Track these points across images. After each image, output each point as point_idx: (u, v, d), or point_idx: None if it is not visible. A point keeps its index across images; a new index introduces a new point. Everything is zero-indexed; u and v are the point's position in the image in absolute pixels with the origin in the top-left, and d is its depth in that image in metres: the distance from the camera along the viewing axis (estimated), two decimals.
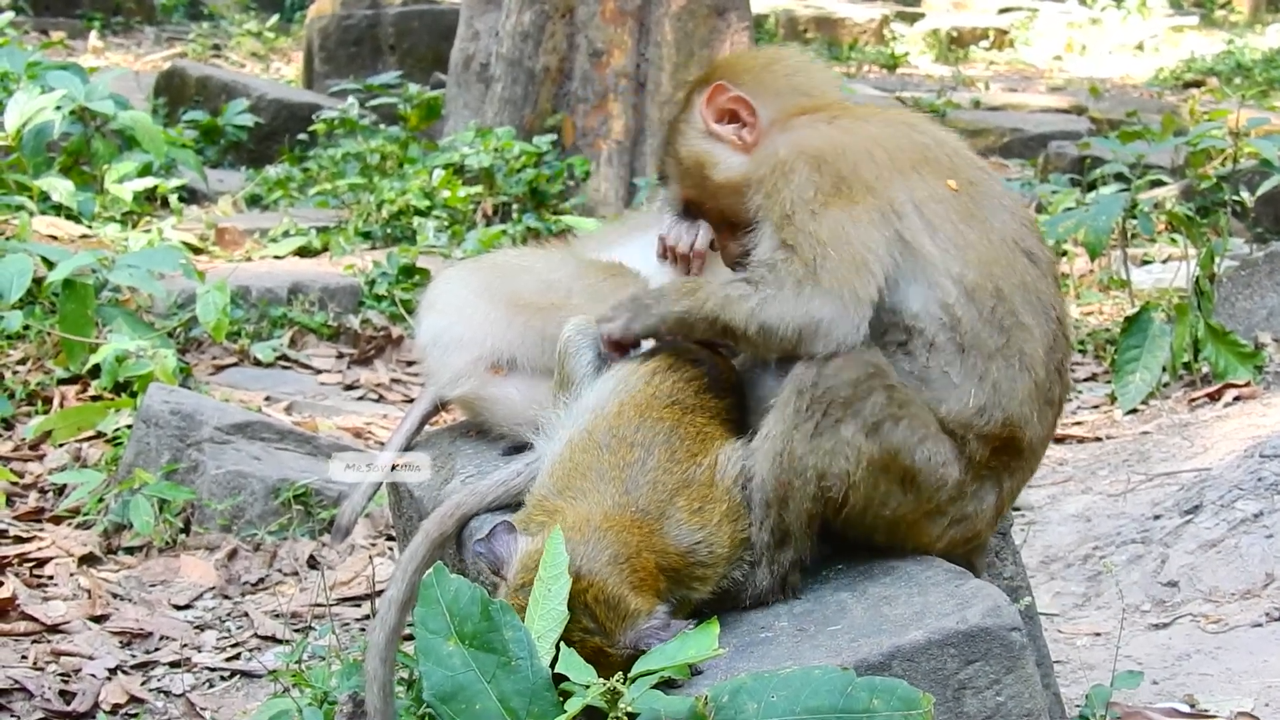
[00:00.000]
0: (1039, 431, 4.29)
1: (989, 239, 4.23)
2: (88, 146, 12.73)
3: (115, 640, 6.60)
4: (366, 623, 6.55)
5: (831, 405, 4.04)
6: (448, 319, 5.06)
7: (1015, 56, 29.06)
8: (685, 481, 4.03)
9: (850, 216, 4.15)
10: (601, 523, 3.86)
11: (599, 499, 3.96)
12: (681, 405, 4.22)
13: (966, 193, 4.28)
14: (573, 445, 4.17)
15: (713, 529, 3.99)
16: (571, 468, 4.10)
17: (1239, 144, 11.51)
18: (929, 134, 4.43)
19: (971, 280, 4.17)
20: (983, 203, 4.29)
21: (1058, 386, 4.31)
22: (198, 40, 24.78)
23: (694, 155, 4.64)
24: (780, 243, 4.19)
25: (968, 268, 4.17)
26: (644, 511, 3.93)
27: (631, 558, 3.82)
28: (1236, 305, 10.33)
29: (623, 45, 14.44)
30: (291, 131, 16.77)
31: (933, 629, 3.81)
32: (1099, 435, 9.24)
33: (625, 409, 4.20)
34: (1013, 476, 4.33)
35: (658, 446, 4.08)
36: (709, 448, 4.14)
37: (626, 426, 4.13)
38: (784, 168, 4.27)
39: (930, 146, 4.37)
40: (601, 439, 4.12)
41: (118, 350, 8.50)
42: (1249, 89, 23.55)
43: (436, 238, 12.68)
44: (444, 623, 3.61)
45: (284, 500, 7.51)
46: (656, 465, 4.03)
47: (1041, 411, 4.26)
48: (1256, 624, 6.19)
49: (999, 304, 4.18)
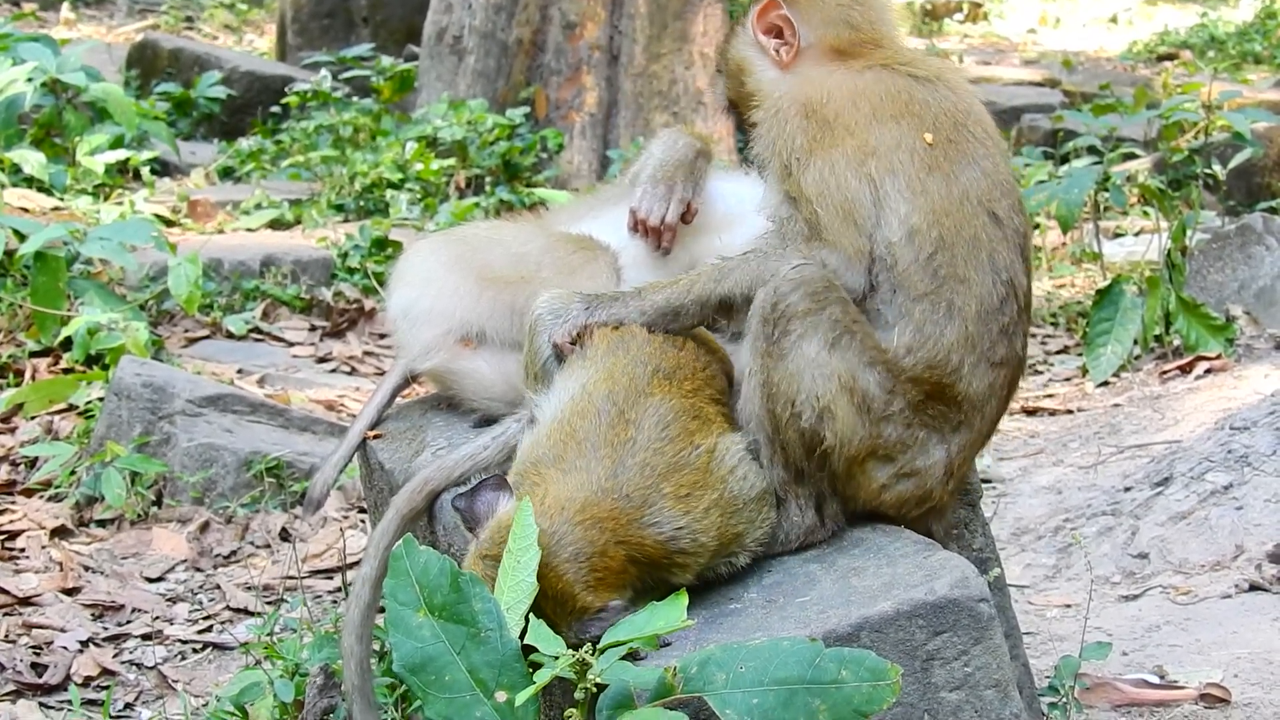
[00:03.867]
0: (976, 387, 4.31)
1: (949, 191, 4.30)
2: (59, 119, 12.70)
3: (87, 613, 6.60)
4: (338, 595, 6.56)
5: (792, 320, 4.11)
6: (418, 292, 5.06)
7: (989, 29, 29.03)
8: (676, 464, 4.00)
9: (830, 165, 4.28)
10: (575, 513, 3.85)
11: (585, 479, 3.93)
12: (680, 380, 4.21)
13: (942, 148, 4.34)
14: (572, 405, 4.14)
15: (697, 516, 3.95)
16: (569, 433, 4.07)
17: (1211, 117, 11.52)
18: (928, 88, 4.48)
19: (915, 224, 4.25)
20: (957, 160, 4.35)
21: (1001, 347, 4.33)
22: (170, 12, 24.67)
23: (738, 60, 4.78)
24: (785, 194, 4.35)
25: (914, 213, 4.25)
26: (627, 498, 3.91)
27: (594, 555, 3.82)
28: (1208, 278, 10.36)
29: (596, 18, 14.42)
30: (264, 104, 16.73)
31: (901, 600, 3.82)
32: (1070, 408, 9.27)
33: (622, 372, 4.18)
34: (956, 433, 4.34)
35: (651, 424, 4.05)
36: (708, 431, 4.12)
37: (624, 394, 4.11)
38: (779, 113, 4.42)
39: (920, 100, 4.43)
40: (600, 403, 4.10)
41: (89, 323, 8.48)
42: (1222, 62, 23.60)
43: (409, 210, 12.65)
44: (413, 594, 3.61)
45: (256, 473, 7.51)
46: (647, 445, 4.00)
47: (977, 367, 4.28)
48: (1226, 595, 6.22)
49: (939, 252, 4.25)
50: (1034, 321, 11.08)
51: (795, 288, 4.10)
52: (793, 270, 4.12)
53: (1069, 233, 11.85)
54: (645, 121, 14.34)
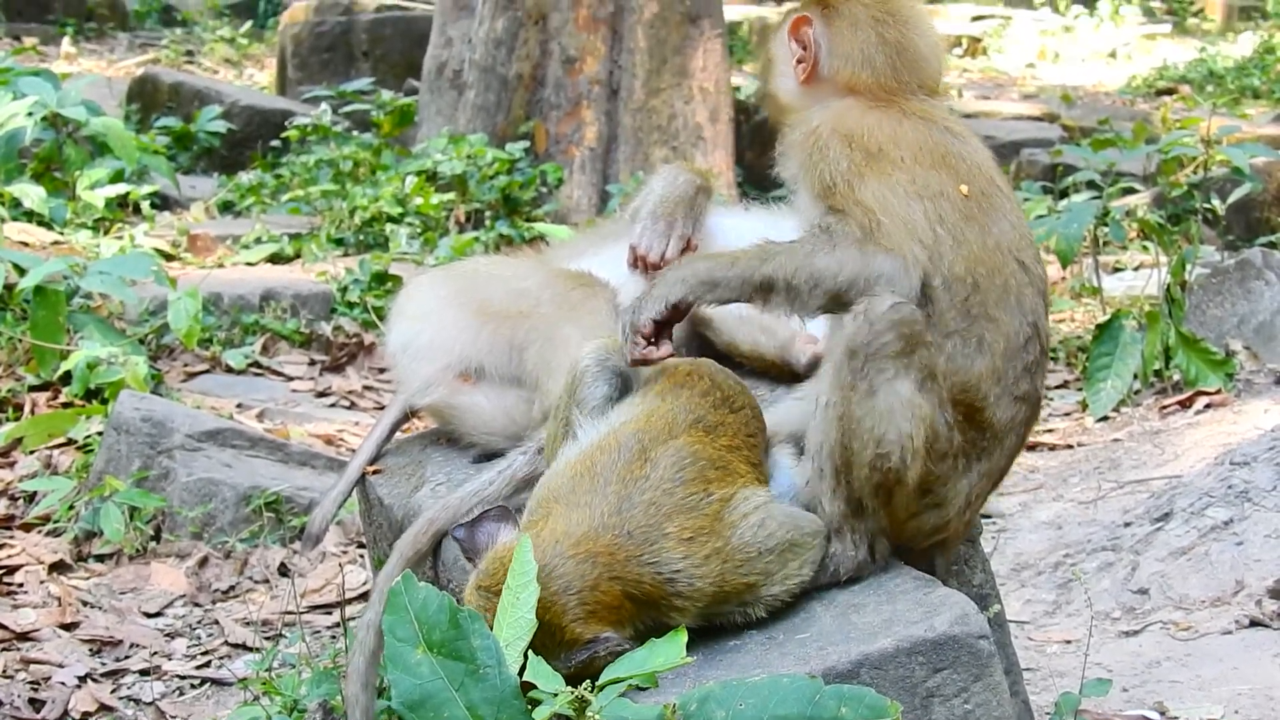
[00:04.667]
0: (1002, 416, 4.32)
1: (984, 242, 4.32)
2: (60, 153, 12.71)
3: (85, 648, 6.59)
4: (337, 630, 6.54)
5: (886, 360, 4.09)
6: (417, 327, 5.06)
7: (988, 64, 29.09)
8: (684, 507, 3.95)
9: (889, 187, 4.28)
10: (570, 546, 3.83)
11: (589, 514, 3.91)
12: (718, 435, 4.15)
13: (976, 200, 4.37)
14: (600, 440, 4.11)
15: (697, 561, 3.90)
16: (587, 467, 4.04)
17: (1210, 152, 11.53)
18: (961, 142, 4.50)
19: (956, 272, 4.26)
20: (990, 212, 4.38)
21: (1024, 383, 4.34)
22: (171, 46, 24.72)
23: (770, 57, 4.82)
24: (828, 208, 4.31)
25: (957, 261, 4.26)
26: (629, 535, 3.88)
27: (585, 589, 3.80)
28: (1207, 313, 10.36)
29: (596, 52, 14.44)
30: (264, 138, 16.75)
31: (901, 637, 3.81)
32: (1070, 442, 9.26)
33: (661, 416, 4.14)
34: (979, 461, 4.34)
35: (668, 464, 4.01)
36: (728, 483, 4.06)
37: (653, 435, 4.07)
38: (819, 142, 4.39)
39: (955, 153, 4.44)
40: (625, 439, 4.07)
41: (89, 357, 8.48)
42: (1221, 96, 23.64)
43: (409, 245, 12.66)
44: (412, 631, 3.60)
45: (255, 508, 7.50)
46: (658, 484, 3.96)
47: (1003, 398, 4.30)
48: (1226, 631, 6.21)
49: (972, 294, 4.27)
50: None
51: (891, 327, 4.06)
52: (890, 310, 4.08)
53: (1068, 267, 11.84)
54: (645, 156, 14.35)
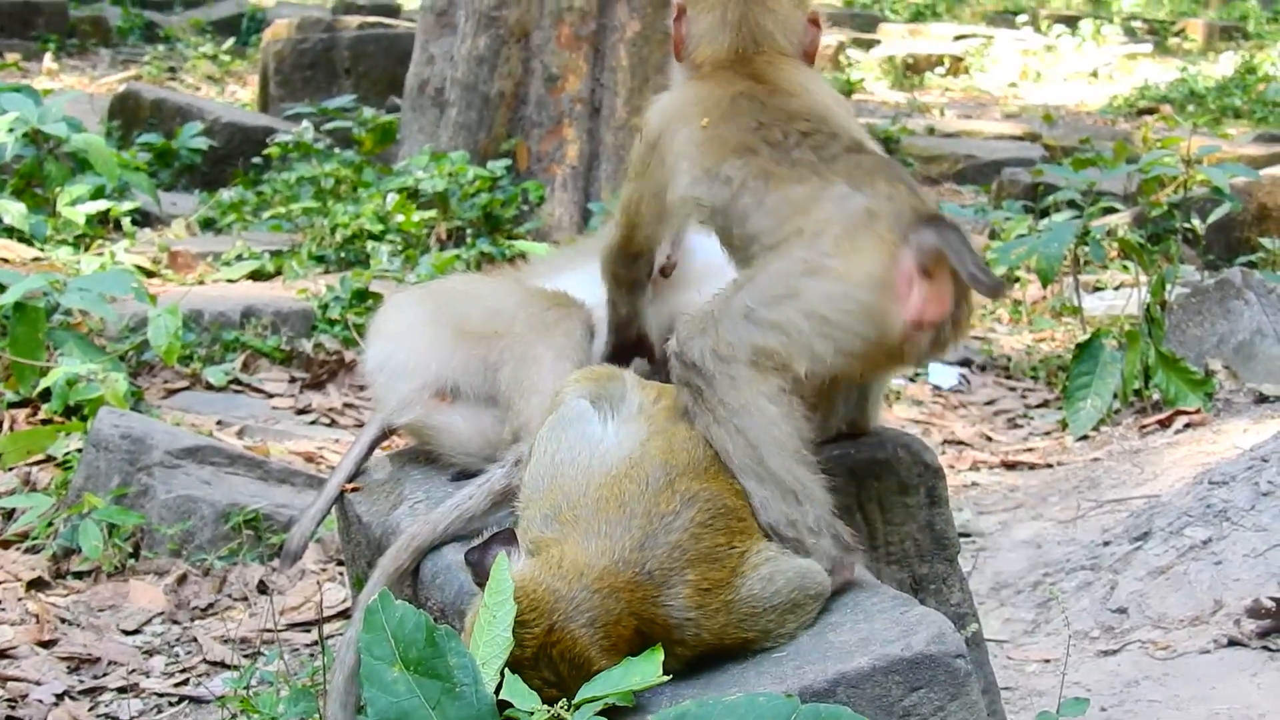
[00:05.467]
0: None
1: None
2: (40, 169, 12.70)
3: (63, 665, 6.57)
4: (315, 648, 6.54)
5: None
6: (394, 346, 5.07)
7: (970, 83, 29.14)
8: (707, 556, 3.91)
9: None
10: (594, 580, 3.80)
11: (609, 546, 3.86)
12: (730, 477, 4.10)
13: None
14: (628, 462, 4.03)
15: (708, 614, 3.87)
16: (616, 493, 3.96)
17: (1190, 171, 11.57)
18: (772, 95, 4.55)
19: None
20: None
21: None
22: (153, 63, 24.70)
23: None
24: None
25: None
26: (649, 574, 3.84)
27: (610, 624, 3.77)
28: (1187, 332, 10.39)
29: (578, 70, 14.45)
30: (246, 155, 16.73)
31: (877, 656, 3.81)
32: (1050, 461, 9.29)
33: (682, 446, 4.09)
34: None
35: (697, 508, 3.96)
36: (746, 536, 4.01)
37: (680, 469, 4.02)
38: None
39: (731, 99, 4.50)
40: (652, 470, 4.00)
41: (68, 374, 8.47)
42: (1201, 116, 23.71)
43: (390, 262, 12.65)
44: (388, 649, 3.60)
45: (234, 525, 7.49)
46: (685, 528, 3.91)
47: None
48: (1205, 650, 6.21)
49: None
50: (1014, 375, 11.14)
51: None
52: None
53: (1049, 286, 11.88)
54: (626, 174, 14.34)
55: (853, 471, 4.85)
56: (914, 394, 10.65)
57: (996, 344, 11.76)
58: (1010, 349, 11.69)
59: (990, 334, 12.08)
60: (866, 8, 37.89)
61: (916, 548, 4.92)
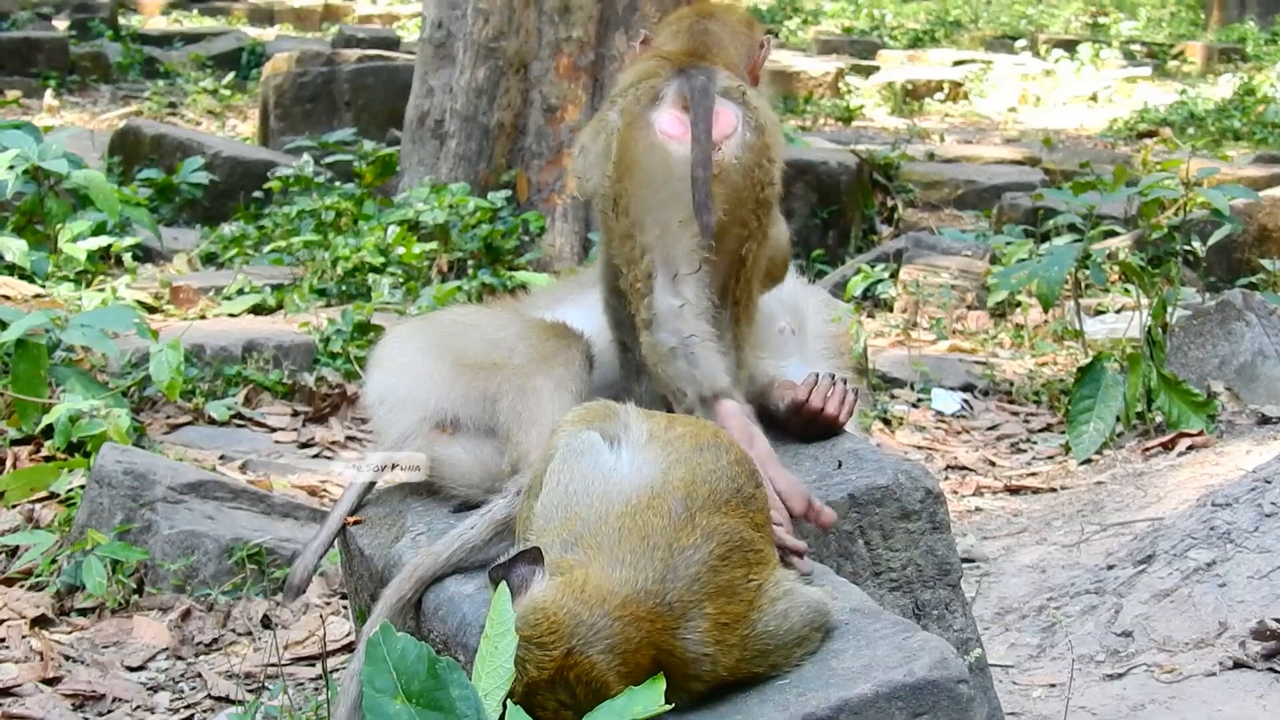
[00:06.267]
0: None
1: None
2: (41, 206, 12.70)
3: (68, 702, 6.56)
4: (320, 682, 6.53)
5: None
6: (394, 378, 5.08)
7: (970, 108, 29.18)
8: (726, 590, 3.92)
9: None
10: (616, 608, 3.80)
11: (632, 575, 3.86)
12: (754, 512, 4.12)
13: None
14: (650, 493, 4.03)
15: (724, 649, 3.88)
16: (639, 524, 3.96)
17: (1190, 194, 11.57)
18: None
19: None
20: None
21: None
22: (153, 98, 24.75)
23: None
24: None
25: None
26: (669, 606, 3.85)
27: (629, 651, 3.78)
28: (1189, 355, 10.39)
29: (577, 101, 14.47)
30: (247, 189, 16.74)
31: (880, 682, 3.81)
32: (1053, 486, 9.28)
33: (705, 479, 4.08)
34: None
35: (718, 542, 3.96)
36: (762, 563, 4.03)
37: (701, 502, 4.02)
38: None
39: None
40: (674, 504, 4.00)
41: (71, 410, 8.47)
42: (1201, 139, 23.73)
43: (391, 294, 12.66)
44: (390, 681, 3.60)
45: (237, 560, 7.49)
46: (705, 561, 3.92)
47: None
48: (1210, 673, 6.20)
49: None
50: (1016, 399, 11.14)
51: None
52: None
53: (1050, 310, 11.89)
54: None
55: (854, 497, 4.85)
56: (916, 420, 10.65)
57: (999, 368, 11.76)
58: (1012, 373, 11.69)
59: (992, 358, 12.09)
60: (865, 34, 38.04)
61: (919, 573, 4.92)
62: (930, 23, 42.01)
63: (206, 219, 16.50)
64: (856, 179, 17.14)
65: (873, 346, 11.84)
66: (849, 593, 4.38)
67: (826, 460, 5.11)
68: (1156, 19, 46.95)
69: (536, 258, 13.86)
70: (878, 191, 18.02)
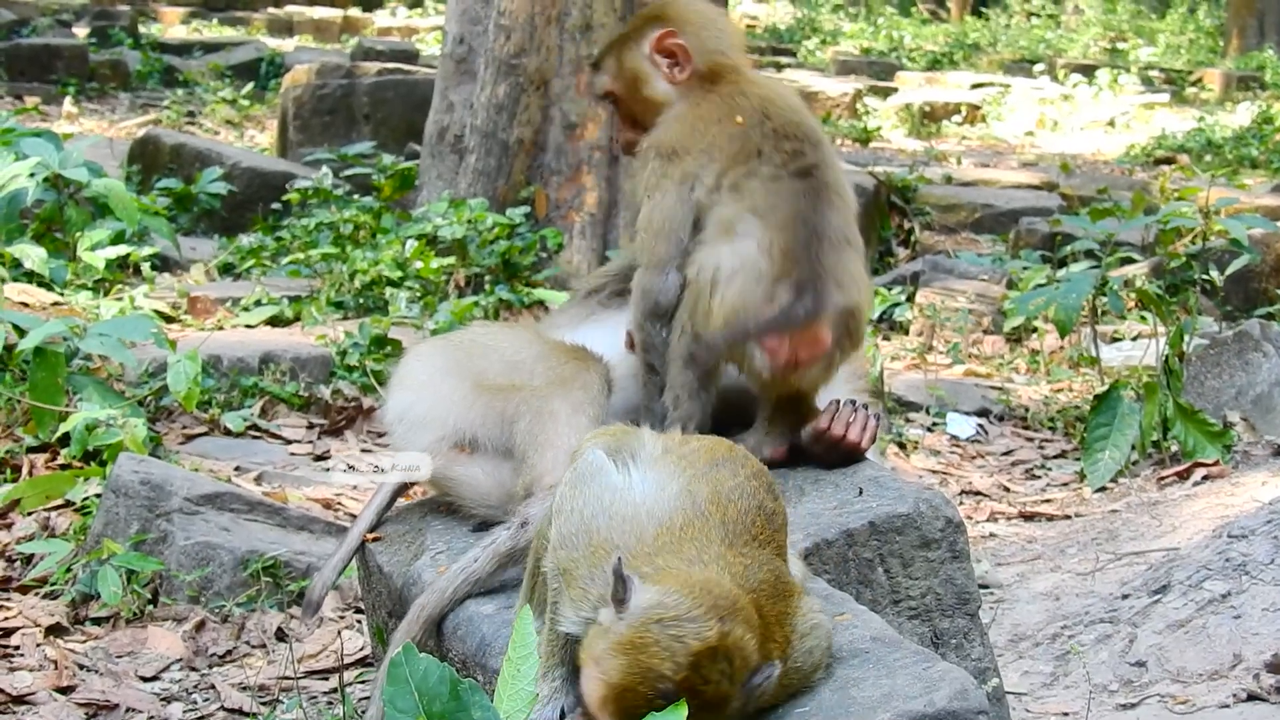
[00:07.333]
0: None
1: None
2: (60, 214, 12.72)
3: (81, 712, 6.57)
4: (334, 696, 6.54)
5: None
6: (414, 396, 5.09)
7: (987, 131, 29.19)
8: (778, 619, 3.91)
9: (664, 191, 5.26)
10: (733, 588, 3.78)
11: (719, 571, 3.84)
12: (775, 531, 4.09)
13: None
14: (682, 510, 3.98)
15: (778, 676, 3.85)
16: (688, 535, 3.92)
17: (1209, 223, 11.58)
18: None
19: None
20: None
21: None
22: (172, 107, 24.80)
23: (634, 69, 5.79)
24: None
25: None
26: (760, 609, 3.85)
27: (756, 628, 3.77)
28: (1205, 384, 10.39)
29: (596, 118, 14.49)
30: (265, 200, 16.76)
31: (899, 712, 3.81)
32: (1068, 513, 9.27)
33: (728, 498, 4.03)
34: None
35: (765, 569, 3.95)
36: (793, 595, 4.02)
37: (734, 525, 3.98)
38: (644, 154, 5.45)
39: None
40: (713, 522, 3.96)
41: (88, 419, 8.48)
42: (1218, 166, 23.72)
43: (409, 309, 12.67)
44: (412, 702, 3.60)
45: (253, 572, 7.49)
46: (757, 588, 3.89)
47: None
48: (1224, 705, 6.20)
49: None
50: (1031, 425, 11.14)
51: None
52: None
53: (1067, 337, 11.88)
54: None
55: (874, 525, 4.86)
56: (931, 444, 10.64)
57: (1014, 394, 11.75)
58: (1028, 399, 11.69)
59: (1008, 384, 12.08)
60: (884, 56, 38.08)
61: (938, 602, 4.93)
62: (949, 45, 42.06)
63: (224, 229, 16.54)
64: (874, 201, 17.16)
65: (889, 370, 11.85)
66: (869, 621, 4.38)
67: (848, 487, 5.12)
68: (1175, 45, 47.00)
69: (554, 274, 13.87)
70: (895, 214, 18.05)
